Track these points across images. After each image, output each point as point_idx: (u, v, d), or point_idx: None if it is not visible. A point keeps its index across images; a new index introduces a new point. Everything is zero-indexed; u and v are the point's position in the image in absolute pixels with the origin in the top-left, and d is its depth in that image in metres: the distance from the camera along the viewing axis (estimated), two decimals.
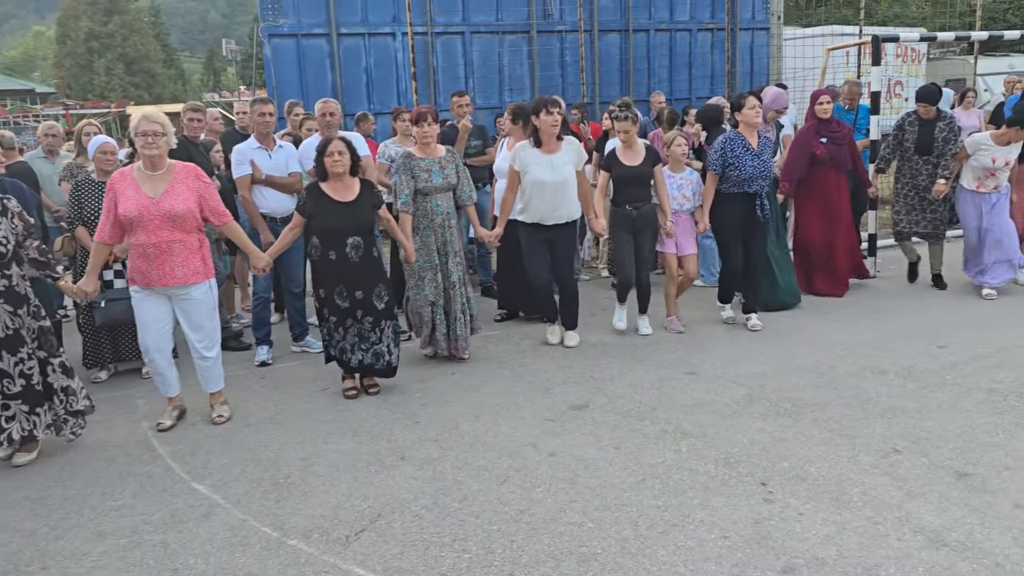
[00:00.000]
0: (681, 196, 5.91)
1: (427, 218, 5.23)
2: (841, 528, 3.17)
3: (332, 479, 3.81)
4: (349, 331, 4.77)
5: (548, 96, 5.48)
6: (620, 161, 5.67)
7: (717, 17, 12.38)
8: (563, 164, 5.39)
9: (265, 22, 10.16)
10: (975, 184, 6.43)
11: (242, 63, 47.25)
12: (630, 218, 5.70)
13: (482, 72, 11.19)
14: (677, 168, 5.97)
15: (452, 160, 5.34)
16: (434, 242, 5.25)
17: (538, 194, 5.38)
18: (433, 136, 5.25)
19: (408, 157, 5.22)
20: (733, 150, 5.67)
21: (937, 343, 5.39)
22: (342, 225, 4.67)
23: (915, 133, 6.65)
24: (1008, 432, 3.96)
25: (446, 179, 5.25)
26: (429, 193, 5.21)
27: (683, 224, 5.93)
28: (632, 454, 3.93)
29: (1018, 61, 17.70)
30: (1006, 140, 6.29)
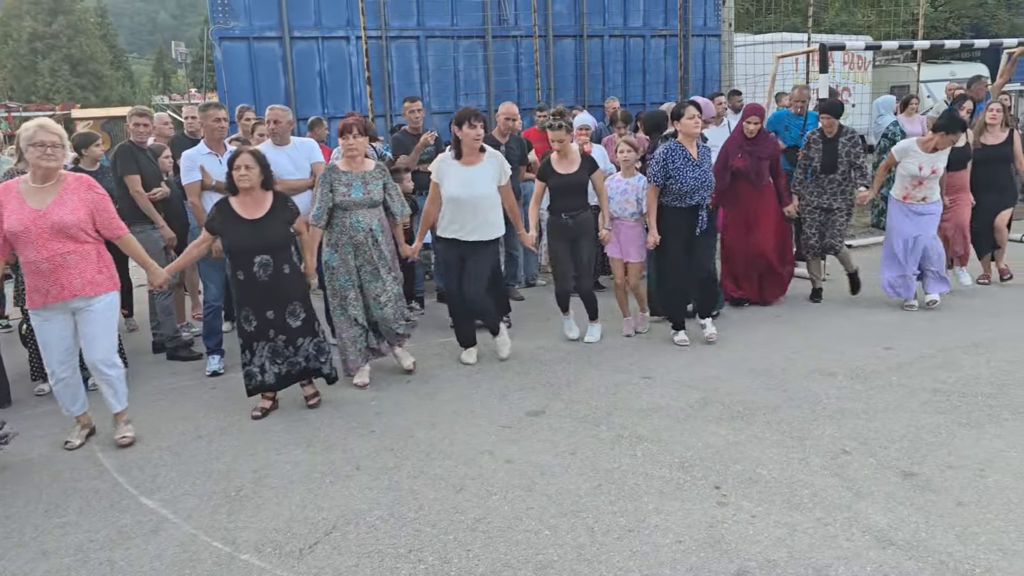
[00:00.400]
0: (625, 201, 5.83)
1: (346, 234, 4.95)
2: (792, 530, 3.23)
3: (285, 491, 3.75)
4: (258, 352, 4.59)
5: (472, 108, 5.30)
6: (555, 170, 5.61)
7: (670, 24, 12.52)
8: (481, 179, 5.25)
9: (215, 25, 9.98)
10: (902, 194, 6.29)
11: (192, 65, 46.44)
12: (567, 226, 5.65)
13: (437, 77, 11.15)
14: (626, 173, 5.92)
15: (379, 176, 5.06)
16: (354, 260, 5.00)
17: (453, 209, 5.27)
18: (359, 149, 5.00)
19: (331, 170, 5.00)
20: (674, 161, 5.51)
21: (883, 345, 5.52)
22: (248, 244, 4.48)
23: (820, 151, 6.56)
24: (950, 431, 4.07)
25: (368, 194, 4.96)
26: (348, 208, 4.93)
27: (627, 231, 5.87)
28: (588, 459, 3.95)
29: (959, 68, 18.23)
30: (932, 146, 6.13)
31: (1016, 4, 23.31)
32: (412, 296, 7.06)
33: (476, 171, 5.24)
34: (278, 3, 10.13)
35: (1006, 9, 22.93)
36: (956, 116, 6.19)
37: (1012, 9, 23.22)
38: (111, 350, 4.29)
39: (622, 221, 5.86)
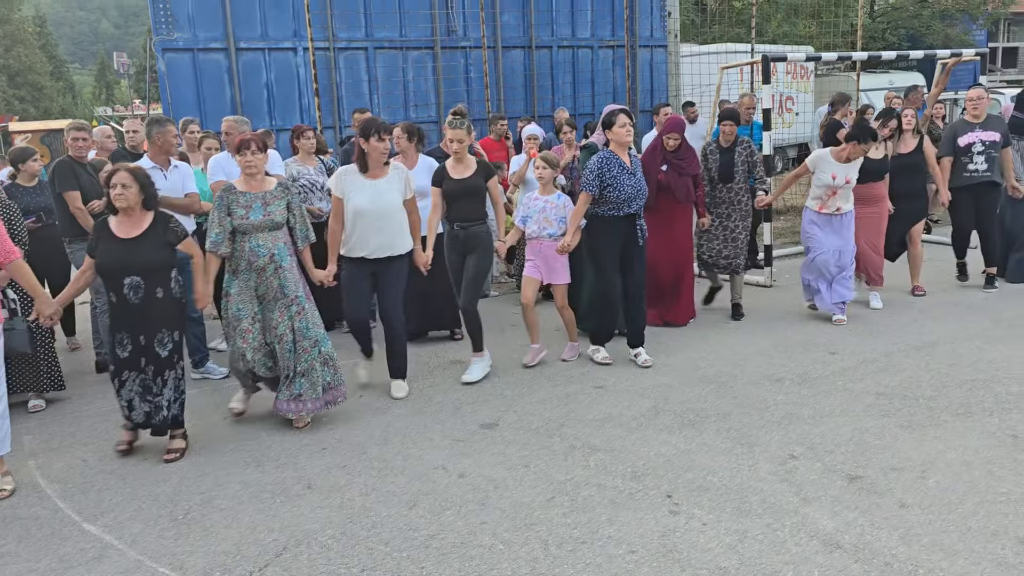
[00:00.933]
0: (544, 220, 5.49)
1: (246, 260, 4.57)
2: (743, 536, 3.27)
3: (235, 512, 3.68)
4: (128, 384, 4.29)
5: (380, 120, 4.98)
6: (449, 174, 5.35)
7: (617, 35, 12.68)
8: (389, 192, 4.98)
9: (158, 36, 9.81)
10: (817, 205, 6.28)
11: (136, 76, 45.50)
12: (457, 238, 5.37)
13: (387, 88, 11.12)
14: (543, 190, 5.59)
15: (282, 195, 4.71)
16: (254, 287, 4.61)
17: (360, 224, 4.93)
18: (259, 167, 4.62)
19: (227, 191, 4.61)
20: (610, 170, 5.35)
21: (829, 350, 5.65)
22: (119, 264, 4.19)
23: (717, 161, 6.49)
24: (893, 434, 4.18)
25: (268, 216, 4.59)
26: (248, 232, 4.56)
27: (549, 251, 5.51)
28: (542, 472, 3.96)
29: (897, 78, 18.81)
30: (845, 156, 6.14)
31: (949, 16, 24.14)
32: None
33: (383, 184, 4.98)
34: (223, 14, 10.01)
35: (940, 20, 23.73)
36: (866, 126, 6.25)
37: (946, 20, 24.03)
38: None
39: (540, 241, 5.52)
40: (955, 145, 7.00)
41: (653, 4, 13.08)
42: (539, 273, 5.57)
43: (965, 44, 22.96)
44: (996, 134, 6.99)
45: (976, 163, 6.96)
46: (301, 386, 4.64)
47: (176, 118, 8.43)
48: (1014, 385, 4.77)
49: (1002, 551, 3.07)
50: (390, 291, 5.09)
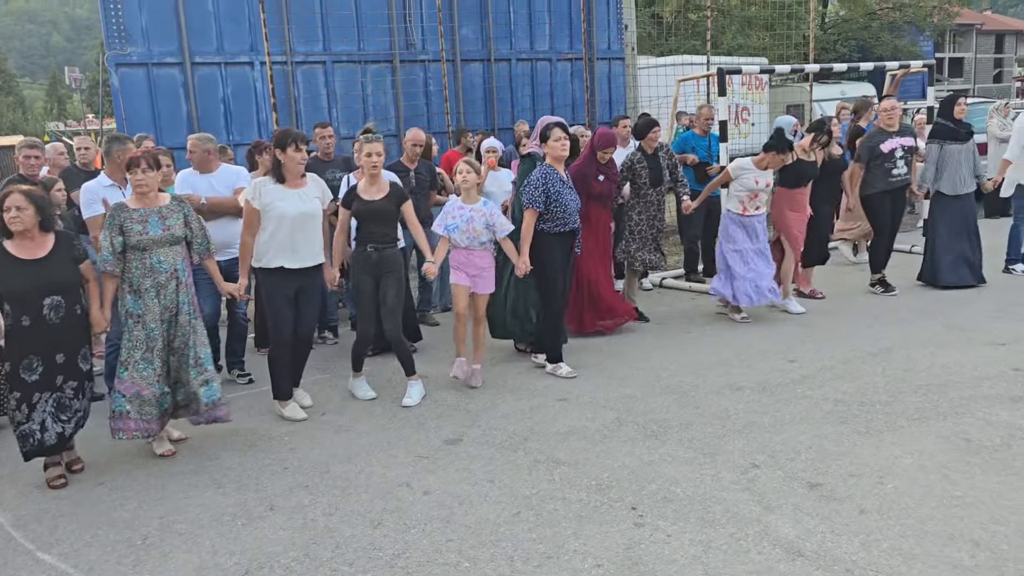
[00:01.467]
0: (472, 229, 5.36)
1: (149, 277, 4.45)
2: (707, 547, 3.30)
3: (195, 536, 3.61)
4: (39, 407, 4.16)
5: (294, 130, 4.92)
6: (360, 196, 5.21)
7: (575, 47, 12.79)
8: (311, 199, 4.94)
9: (111, 51, 9.66)
10: (740, 208, 6.63)
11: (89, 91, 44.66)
12: (370, 260, 5.23)
13: (345, 102, 11.07)
14: (467, 198, 5.47)
15: (179, 209, 4.60)
16: (159, 305, 4.47)
17: (284, 233, 4.83)
18: (150, 184, 4.47)
19: (118, 208, 4.46)
20: (553, 184, 5.38)
21: (788, 357, 5.73)
22: (37, 285, 4.12)
23: (645, 168, 6.68)
24: (852, 441, 4.25)
25: (168, 231, 4.48)
26: (147, 248, 4.43)
27: (479, 260, 5.43)
28: (506, 487, 3.95)
29: (849, 88, 19.26)
30: (765, 165, 6.56)
31: (897, 27, 24.80)
32: (325, 325, 6.95)
33: (304, 193, 4.93)
34: (178, 28, 9.89)
35: (888, 32, 24.36)
36: (784, 137, 6.60)
37: (894, 32, 24.69)
38: None
39: (471, 251, 5.41)
40: (877, 152, 7.29)
41: (610, 17, 13.23)
42: (468, 280, 5.45)
43: (913, 55, 23.61)
44: (911, 140, 7.41)
45: (899, 167, 7.31)
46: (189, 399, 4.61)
47: (130, 133, 8.28)
48: (966, 389, 4.89)
49: (958, 554, 3.14)
50: (311, 309, 5.09)
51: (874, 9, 24.43)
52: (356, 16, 11.08)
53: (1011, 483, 3.68)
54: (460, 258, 5.45)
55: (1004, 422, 4.37)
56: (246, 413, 5.19)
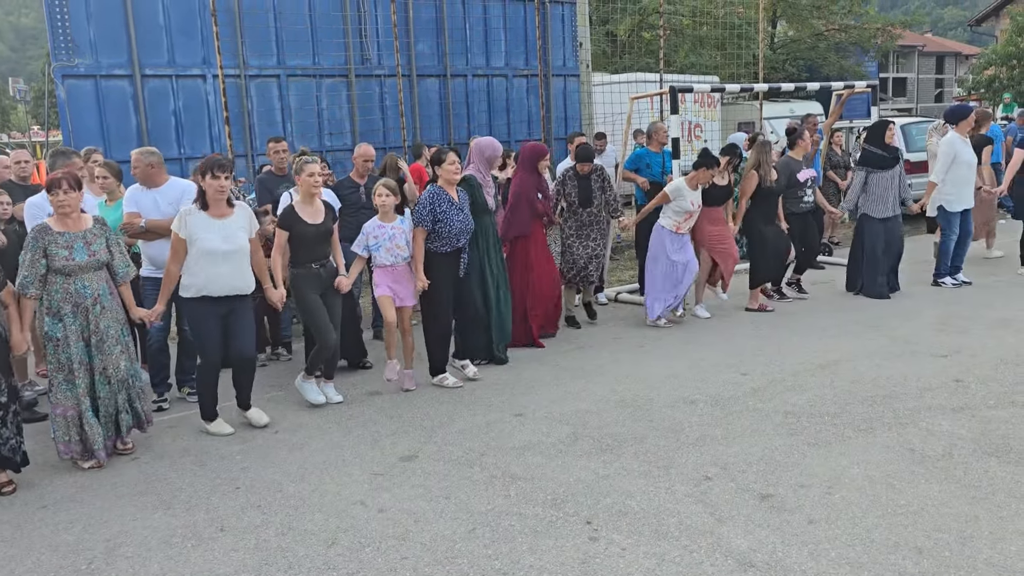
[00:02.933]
0: (395, 247, 5.61)
1: (71, 302, 4.41)
2: (661, 560, 3.33)
3: (142, 560, 3.53)
4: None
5: (219, 158, 4.87)
6: (302, 218, 5.27)
7: (531, 64, 12.90)
8: (236, 230, 4.87)
9: (58, 62, 9.47)
10: (675, 227, 7.05)
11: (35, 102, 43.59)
12: (319, 277, 5.36)
13: (300, 116, 11.01)
14: (386, 218, 5.67)
15: (101, 233, 4.57)
16: (81, 330, 4.46)
17: (210, 264, 4.77)
18: (73, 205, 4.42)
19: (42, 231, 4.40)
20: (440, 205, 5.57)
21: (740, 371, 5.82)
22: None
23: (576, 188, 7.05)
24: (801, 452, 4.34)
25: (93, 255, 4.47)
26: (73, 273, 4.40)
27: (402, 275, 5.69)
28: (462, 503, 3.94)
29: (797, 107, 19.71)
30: (696, 183, 7.03)
31: (843, 48, 25.52)
32: (279, 341, 6.87)
33: (230, 223, 4.86)
34: (127, 40, 9.76)
35: (835, 53, 25.06)
36: (709, 154, 7.08)
37: (840, 52, 25.40)
38: None
39: (395, 267, 5.66)
40: (793, 179, 7.74)
41: (565, 34, 13.38)
42: (393, 294, 5.68)
43: (858, 75, 24.33)
44: (814, 171, 8.14)
45: (808, 195, 7.89)
46: (126, 422, 4.68)
47: (78, 146, 8.11)
48: (910, 401, 5.02)
49: (903, 561, 3.22)
50: (246, 330, 5.01)
51: (821, 30, 25.12)
52: (311, 30, 11.04)
53: (953, 491, 3.79)
54: (386, 277, 5.68)
55: (946, 432, 4.50)
56: (196, 431, 5.09)
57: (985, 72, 24.10)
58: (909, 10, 34.13)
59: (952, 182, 8.00)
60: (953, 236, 8.16)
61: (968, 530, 3.43)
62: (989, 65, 23.96)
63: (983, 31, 32.32)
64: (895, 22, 27.17)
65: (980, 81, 24.27)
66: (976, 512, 3.58)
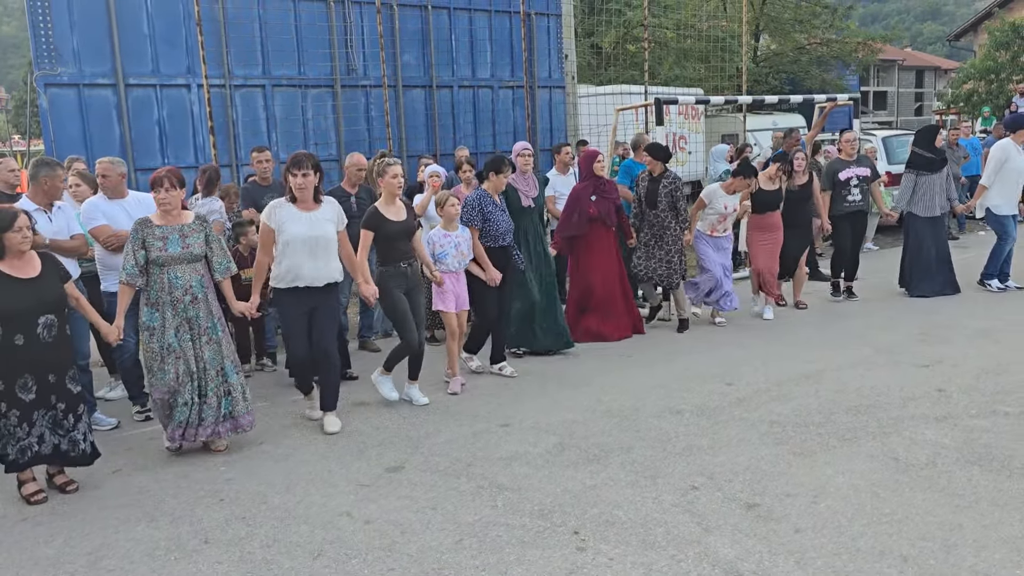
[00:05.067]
0: (459, 253, 5.91)
1: (166, 292, 4.65)
2: (648, 570, 3.33)
3: (125, 573, 3.49)
4: (37, 423, 4.22)
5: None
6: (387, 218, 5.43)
7: (516, 75, 12.94)
8: (323, 222, 5.06)
9: (40, 71, 9.39)
10: (710, 230, 7.44)
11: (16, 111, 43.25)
12: (404, 275, 5.51)
13: (285, 126, 10.97)
14: (451, 226, 5.95)
15: (200, 228, 4.81)
16: (173, 320, 4.66)
17: (295, 253, 4.97)
18: (173, 203, 4.70)
19: (142, 224, 4.68)
20: (487, 206, 6.05)
21: (725, 380, 5.84)
22: (33, 303, 4.17)
23: (644, 189, 7.32)
24: (787, 461, 4.35)
25: (187, 248, 4.69)
26: (165, 264, 4.64)
27: (459, 278, 5.98)
28: (449, 514, 3.92)
29: (780, 119, 19.90)
30: (732, 189, 7.36)
31: (825, 62, 25.80)
32: (263, 352, 6.82)
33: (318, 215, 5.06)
34: (111, 48, 9.69)
35: (816, 66, 25.32)
36: (749, 163, 7.54)
37: (822, 66, 25.67)
38: None
39: (458, 274, 5.97)
40: (835, 180, 8.15)
41: (551, 46, 13.44)
42: (455, 304, 5.95)
43: (839, 88, 24.56)
44: (867, 170, 8.25)
45: (853, 194, 8.17)
46: (206, 413, 4.76)
47: (60, 156, 8.09)
48: (893, 410, 5.06)
49: (888, 569, 3.23)
50: (327, 324, 5.17)
51: (803, 44, 25.37)
52: (296, 40, 11.02)
53: (937, 500, 3.82)
54: (448, 283, 5.91)
55: (930, 441, 4.53)
56: None
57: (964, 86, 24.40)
58: (889, 25, 34.59)
59: (1000, 186, 8.21)
60: (1010, 240, 8.31)
61: (952, 538, 3.45)
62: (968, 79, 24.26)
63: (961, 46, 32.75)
64: (875, 37, 27.49)
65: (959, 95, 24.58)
66: (960, 520, 3.61)
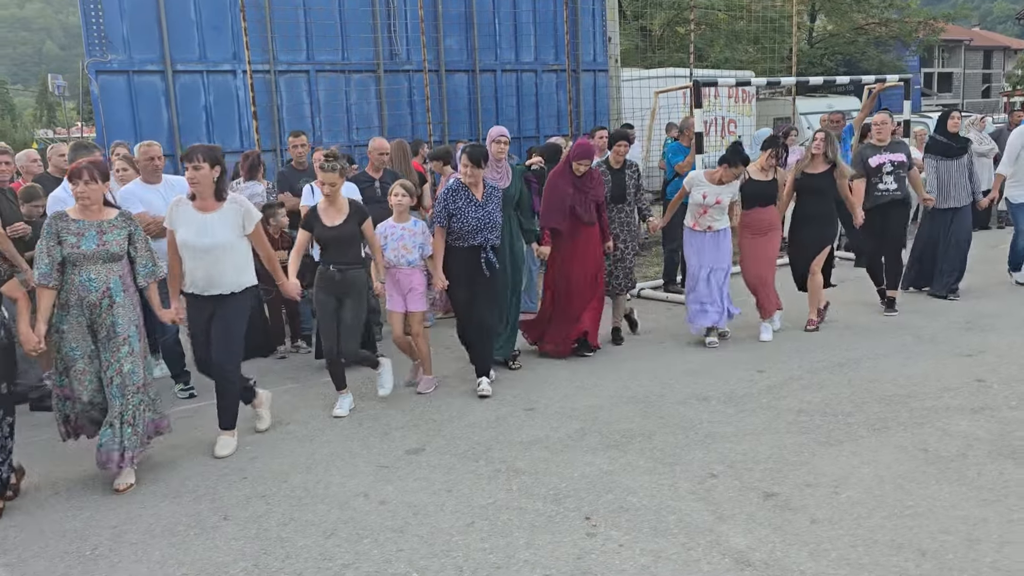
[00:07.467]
0: (402, 247, 5.45)
1: (76, 294, 4.12)
2: (657, 557, 3.29)
3: (145, 547, 3.59)
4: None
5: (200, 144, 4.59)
6: (321, 220, 5.13)
7: (560, 59, 12.83)
8: (217, 226, 4.53)
9: (91, 58, 9.65)
10: (692, 223, 6.44)
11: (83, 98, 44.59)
12: (333, 280, 5.16)
13: (329, 111, 11.08)
14: (400, 218, 5.53)
15: (123, 225, 4.27)
16: (86, 323, 4.15)
17: (187, 258, 4.55)
18: (92, 198, 4.16)
19: (57, 217, 4.17)
20: (456, 200, 5.41)
21: (756, 368, 5.73)
22: None
23: (609, 182, 6.43)
24: (811, 451, 4.25)
25: (103, 246, 4.15)
26: (79, 263, 4.11)
27: (405, 278, 5.50)
28: (464, 496, 3.94)
29: (836, 102, 19.35)
30: (718, 178, 6.27)
31: (883, 43, 24.97)
32: (298, 334, 6.92)
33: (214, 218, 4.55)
34: (159, 36, 9.89)
35: (874, 47, 24.53)
36: (738, 150, 6.28)
37: (880, 47, 24.86)
38: None
39: (398, 270, 5.49)
40: (866, 166, 7.09)
41: (595, 29, 13.29)
42: (401, 305, 5.54)
43: (898, 70, 23.80)
44: (902, 155, 7.11)
45: (886, 182, 7.06)
46: (127, 435, 4.18)
47: (110, 141, 8.29)
48: (929, 400, 4.90)
49: (904, 563, 3.14)
50: (225, 337, 4.61)
51: (861, 24, 24.61)
52: (340, 26, 11.10)
53: (963, 493, 3.69)
54: (388, 279, 5.49)
55: (963, 432, 4.38)
56: (211, 421, 5.14)
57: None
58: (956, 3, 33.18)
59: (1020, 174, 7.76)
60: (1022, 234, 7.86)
61: (976, 533, 3.33)
62: None
63: None
64: (938, 15, 26.54)
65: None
66: (985, 514, 3.48)
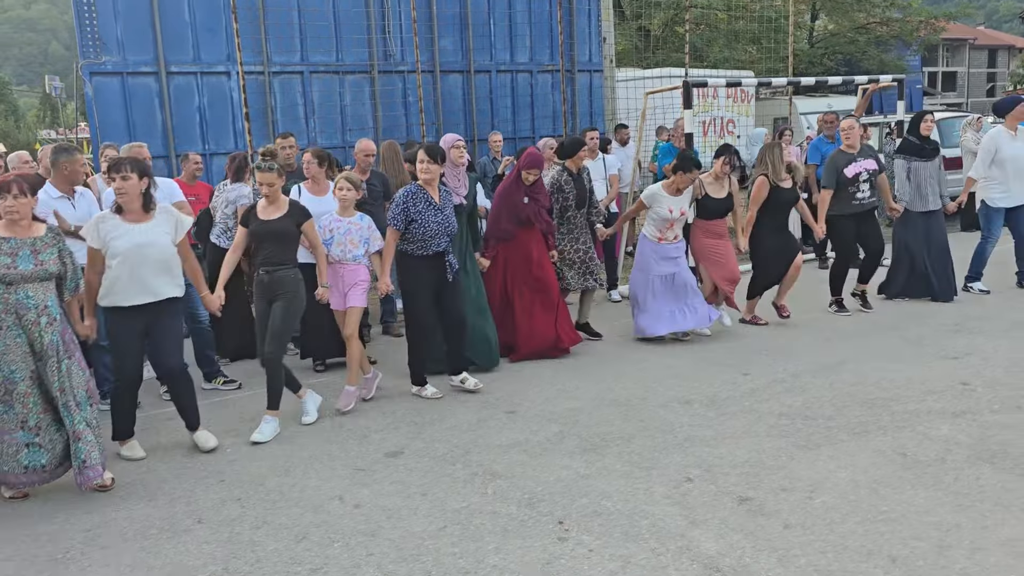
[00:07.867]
0: (348, 242, 5.35)
1: (12, 315, 3.98)
2: (626, 563, 3.28)
3: (116, 550, 3.58)
4: None
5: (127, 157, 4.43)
6: (257, 215, 5.03)
7: (556, 59, 12.81)
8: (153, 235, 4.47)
9: (85, 60, 9.67)
10: (657, 236, 6.42)
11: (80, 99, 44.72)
12: (263, 283, 5.03)
13: (323, 112, 11.08)
14: (345, 212, 5.42)
15: (53, 242, 4.15)
16: (23, 345, 4.01)
17: (122, 270, 4.40)
18: (22, 212, 4.03)
19: None
20: (415, 204, 5.28)
21: (741, 371, 5.71)
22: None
23: (572, 188, 6.44)
24: (789, 455, 4.23)
25: (41, 265, 4.04)
26: (15, 283, 3.98)
27: (349, 274, 5.38)
28: (438, 500, 3.93)
29: (835, 101, 19.30)
30: (676, 188, 6.29)
31: (884, 42, 24.90)
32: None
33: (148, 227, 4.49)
34: (153, 37, 9.90)
35: (875, 46, 24.45)
36: (689, 156, 6.31)
37: (880, 46, 24.78)
38: None
39: (343, 265, 5.37)
40: (841, 177, 6.98)
41: (591, 29, 13.26)
42: (341, 300, 5.41)
43: (899, 69, 23.69)
44: (874, 162, 7.08)
45: (863, 191, 7.01)
46: (82, 451, 4.05)
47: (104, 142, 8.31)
48: (911, 403, 4.87)
49: (874, 570, 3.12)
50: (166, 340, 4.57)
51: (861, 23, 24.53)
52: (334, 27, 11.10)
53: (938, 498, 3.66)
54: (330, 274, 5.36)
55: (943, 436, 4.35)
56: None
57: None
58: (960, 2, 33.04)
59: (998, 177, 7.58)
60: (991, 239, 7.67)
61: (948, 539, 3.31)
62: None
63: None
64: (940, 14, 26.43)
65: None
66: (959, 520, 3.45)
